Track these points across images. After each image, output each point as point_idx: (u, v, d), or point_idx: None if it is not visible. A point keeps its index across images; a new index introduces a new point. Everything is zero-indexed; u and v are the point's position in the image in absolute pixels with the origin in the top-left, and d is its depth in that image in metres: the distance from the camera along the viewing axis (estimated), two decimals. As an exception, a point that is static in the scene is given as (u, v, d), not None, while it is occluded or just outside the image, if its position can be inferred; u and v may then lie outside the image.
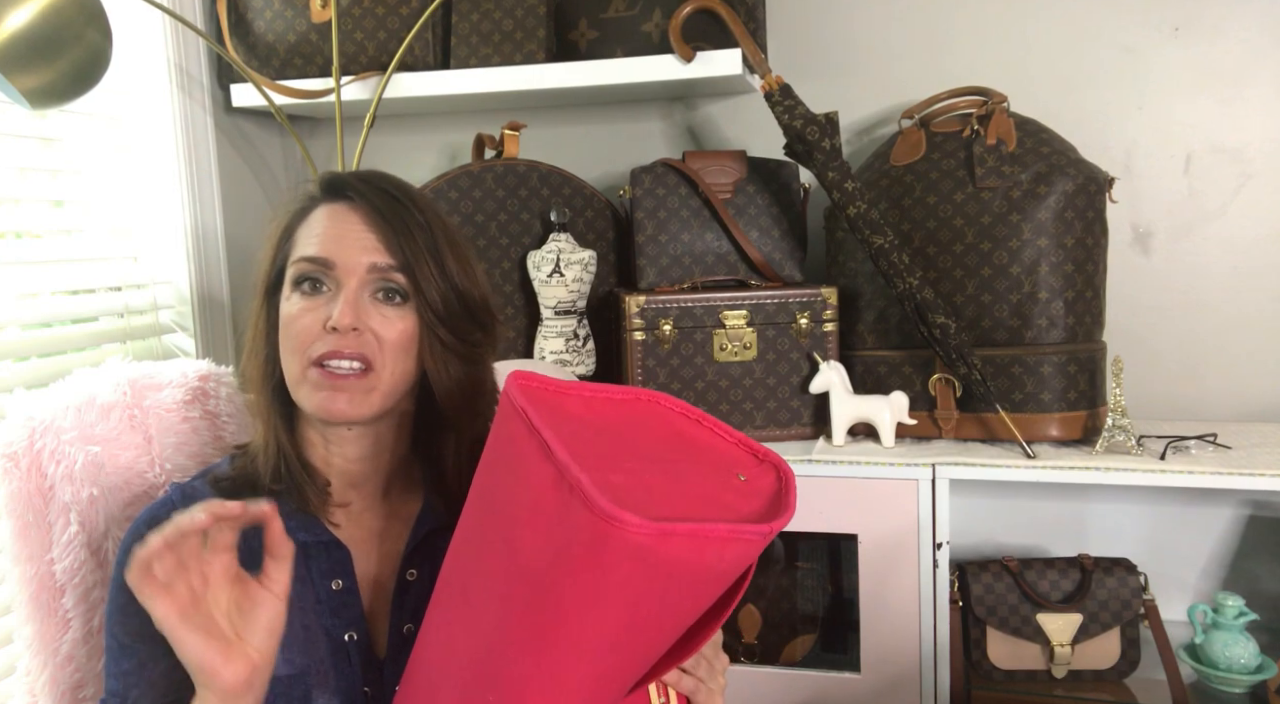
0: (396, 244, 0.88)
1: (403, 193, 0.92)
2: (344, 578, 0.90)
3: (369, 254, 0.88)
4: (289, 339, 0.89)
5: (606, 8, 1.60)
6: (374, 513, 0.95)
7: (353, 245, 0.88)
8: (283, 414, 0.93)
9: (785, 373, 1.51)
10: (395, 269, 0.89)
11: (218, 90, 1.69)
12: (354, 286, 0.88)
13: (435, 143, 1.89)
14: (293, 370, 0.89)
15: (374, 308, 0.89)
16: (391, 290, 0.89)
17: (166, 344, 1.60)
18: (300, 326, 0.88)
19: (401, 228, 0.89)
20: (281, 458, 0.91)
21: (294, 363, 0.88)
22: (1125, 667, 1.43)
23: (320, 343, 0.87)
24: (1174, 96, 1.59)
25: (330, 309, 0.87)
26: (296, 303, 0.89)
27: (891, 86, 1.69)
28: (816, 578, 1.65)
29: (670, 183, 1.58)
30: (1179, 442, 1.40)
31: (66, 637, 0.98)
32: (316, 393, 0.87)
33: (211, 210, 1.66)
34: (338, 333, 0.86)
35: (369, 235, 0.89)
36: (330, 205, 0.91)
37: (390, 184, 0.93)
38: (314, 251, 0.88)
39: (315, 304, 0.88)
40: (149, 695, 0.85)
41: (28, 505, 0.97)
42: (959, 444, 1.46)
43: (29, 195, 1.38)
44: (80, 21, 1.18)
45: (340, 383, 0.87)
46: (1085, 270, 1.43)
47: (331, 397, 0.87)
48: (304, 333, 0.88)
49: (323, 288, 0.89)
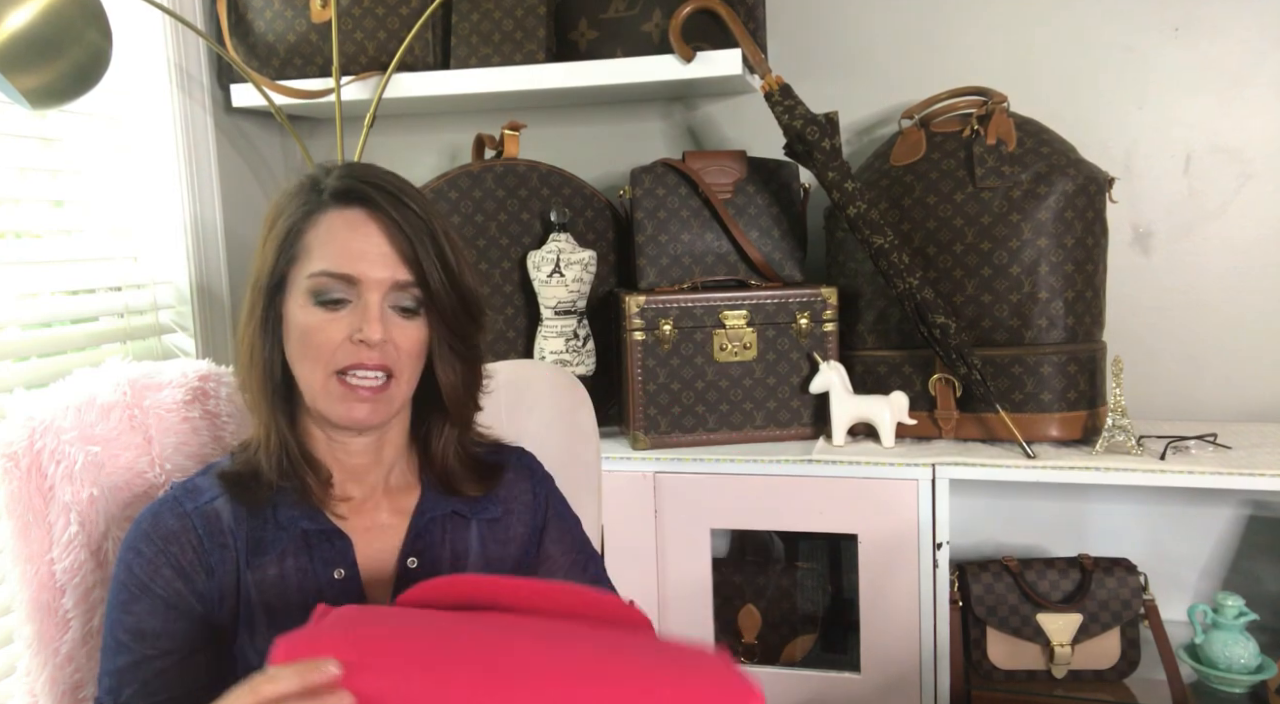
0: (415, 259, 0.89)
1: (412, 199, 0.92)
2: (346, 567, 0.91)
3: (390, 269, 0.89)
4: (310, 349, 0.89)
5: (606, 8, 1.60)
6: (375, 504, 0.95)
7: (375, 262, 0.89)
8: (284, 409, 0.93)
9: (785, 373, 1.51)
10: (414, 284, 0.90)
11: (218, 90, 1.69)
12: (378, 300, 0.88)
13: (435, 143, 1.89)
14: (314, 380, 0.89)
15: (394, 320, 0.90)
16: (409, 307, 0.90)
17: (166, 344, 1.60)
18: (322, 338, 0.88)
19: (419, 240, 0.90)
20: (284, 451, 0.92)
21: (315, 373, 0.89)
22: (1125, 667, 1.43)
23: (344, 354, 0.88)
24: (1174, 96, 1.59)
25: (353, 321, 0.88)
26: (317, 314, 0.89)
27: (891, 86, 1.69)
28: (816, 578, 1.65)
29: (670, 183, 1.58)
30: (1179, 442, 1.40)
31: (66, 637, 0.98)
32: (339, 404, 0.89)
33: (211, 210, 1.66)
34: (365, 345, 0.88)
35: (389, 249, 0.89)
36: (344, 212, 0.90)
37: (395, 186, 0.93)
38: (338, 268, 0.88)
39: (337, 316, 0.89)
40: (141, 694, 0.85)
41: (28, 505, 0.97)
42: (959, 444, 1.46)
43: (29, 195, 1.38)
44: (80, 21, 1.18)
45: (364, 395, 0.88)
46: (1085, 270, 1.43)
47: (354, 407, 0.89)
48: (326, 344, 0.88)
49: (344, 302, 0.89)
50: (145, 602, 0.87)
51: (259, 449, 0.93)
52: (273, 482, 0.91)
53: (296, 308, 0.90)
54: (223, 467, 0.95)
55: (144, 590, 0.87)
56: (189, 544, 0.89)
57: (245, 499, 0.91)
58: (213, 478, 0.93)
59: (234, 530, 0.90)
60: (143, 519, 0.90)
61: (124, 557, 0.89)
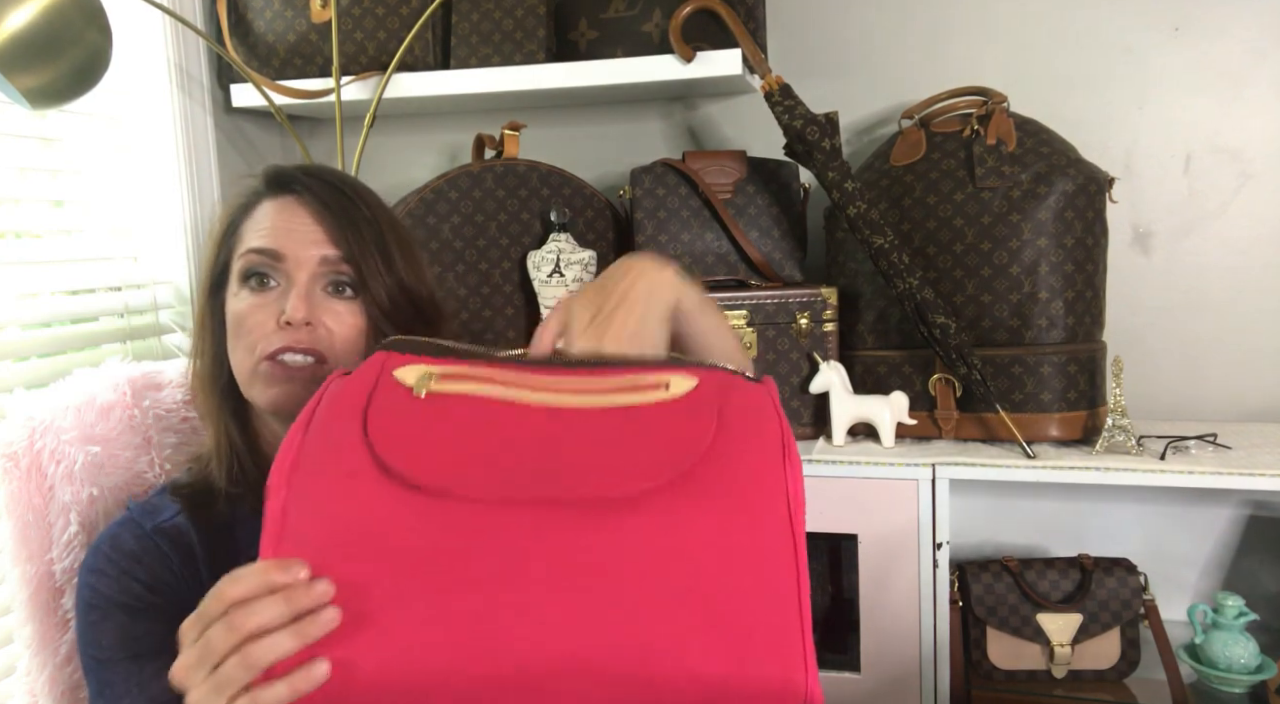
0: (343, 237, 0.87)
1: (349, 187, 0.91)
2: None
3: (318, 247, 0.87)
4: (240, 336, 0.87)
5: (606, 8, 1.60)
6: None
7: (302, 239, 0.87)
8: (234, 414, 0.91)
9: (785, 373, 1.51)
10: (343, 260, 0.87)
11: (218, 90, 1.69)
12: (305, 280, 0.86)
13: (435, 143, 1.89)
14: (244, 366, 0.87)
15: (325, 302, 0.87)
16: (342, 283, 0.88)
17: (166, 344, 1.59)
18: (252, 323, 0.86)
19: (348, 222, 0.88)
20: (235, 458, 0.90)
21: (245, 359, 0.86)
22: (1125, 667, 1.43)
23: (273, 338, 0.85)
24: (1174, 96, 1.59)
25: (282, 304, 0.86)
26: (246, 299, 0.87)
27: (891, 86, 1.68)
28: (816, 578, 1.65)
29: (670, 183, 1.58)
30: (1179, 442, 1.40)
31: (66, 637, 0.98)
32: (269, 387, 0.85)
33: (212, 210, 1.65)
34: (291, 328, 0.85)
35: (317, 228, 0.87)
36: (276, 199, 0.90)
37: (336, 178, 0.92)
38: (262, 243, 0.87)
39: (265, 300, 0.86)
40: (141, 699, 0.83)
41: (28, 505, 0.97)
42: (959, 444, 1.46)
43: (29, 195, 1.38)
44: (80, 21, 1.18)
45: (294, 375, 0.85)
46: (1085, 270, 1.43)
47: (286, 390, 0.85)
48: (256, 329, 0.86)
49: (271, 282, 0.87)
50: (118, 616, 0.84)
51: (210, 460, 0.91)
52: (225, 491, 0.88)
53: (231, 298, 0.89)
54: (177, 482, 0.92)
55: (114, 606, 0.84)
56: (157, 562, 0.86)
57: (201, 517, 0.88)
58: (168, 496, 0.91)
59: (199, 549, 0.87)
60: (100, 543, 0.87)
61: (85, 582, 0.85)
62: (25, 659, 0.99)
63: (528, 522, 0.60)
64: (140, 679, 0.84)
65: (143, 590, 0.85)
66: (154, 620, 0.85)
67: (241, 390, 0.88)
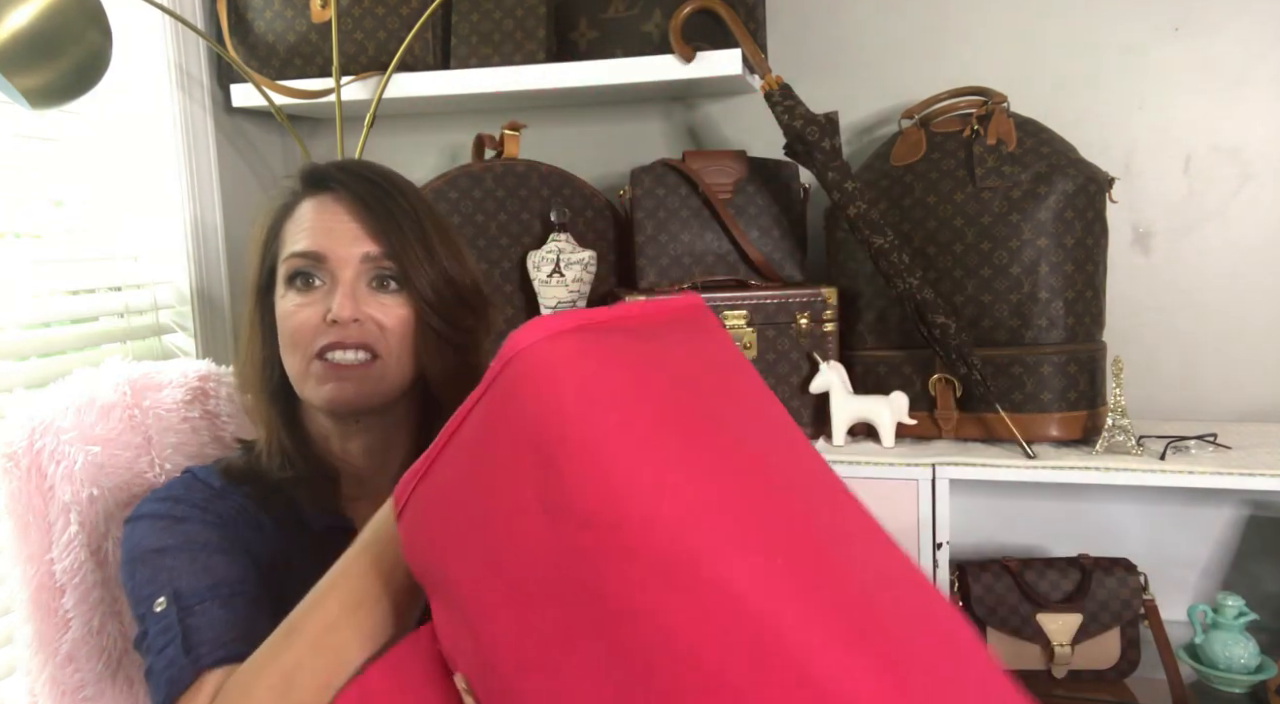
0: (383, 232, 0.88)
1: (385, 180, 0.91)
2: None
3: (359, 244, 0.87)
4: (289, 336, 0.88)
5: (606, 8, 1.60)
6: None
7: (342, 236, 0.87)
8: (284, 415, 0.92)
9: (785, 373, 1.51)
10: (385, 256, 0.88)
11: (218, 90, 1.69)
12: (350, 277, 0.87)
13: (435, 143, 1.89)
14: (296, 367, 0.88)
15: (372, 297, 0.88)
16: (386, 278, 0.88)
17: (166, 344, 1.60)
18: (298, 322, 0.87)
19: (387, 215, 0.88)
20: (285, 460, 0.91)
21: (296, 359, 0.88)
22: (1125, 667, 1.43)
23: (321, 336, 0.86)
24: (1174, 96, 1.59)
25: (328, 302, 0.86)
26: (292, 300, 0.88)
27: (891, 86, 1.68)
28: (816, 578, 1.65)
29: (670, 183, 1.58)
30: (1179, 442, 1.40)
31: (66, 637, 0.98)
32: (322, 386, 0.86)
33: (211, 210, 1.66)
34: (339, 325, 0.86)
35: (356, 225, 0.88)
36: (314, 198, 0.90)
37: (373, 172, 0.92)
38: (304, 246, 0.87)
39: (312, 299, 0.87)
40: (203, 581, 0.79)
41: (28, 505, 0.97)
42: (959, 444, 1.46)
43: (29, 195, 1.38)
44: (80, 21, 1.18)
45: (346, 373, 0.86)
46: (1085, 270, 1.43)
47: (339, 387, 0.86)
48: (303, 328, 0.87)
49: (316, 282, 0.88)
50: (187, 554, 0.81)
51: (260, 452, 0.93)
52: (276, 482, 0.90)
53: (279, 300, 0.90)
54: (228, 462, 0.93)
55: (181, 546, 0.82)
56: (231, 505, 0.87)
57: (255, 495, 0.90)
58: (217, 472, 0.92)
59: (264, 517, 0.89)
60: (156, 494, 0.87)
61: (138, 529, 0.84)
62: (25, 659, 0.99)
63: None
64: (205, 563, 0.81)
65: (210, 531, 0.85)
66: (230, 561, 0.83)
67: (295, 390, 0.90)
